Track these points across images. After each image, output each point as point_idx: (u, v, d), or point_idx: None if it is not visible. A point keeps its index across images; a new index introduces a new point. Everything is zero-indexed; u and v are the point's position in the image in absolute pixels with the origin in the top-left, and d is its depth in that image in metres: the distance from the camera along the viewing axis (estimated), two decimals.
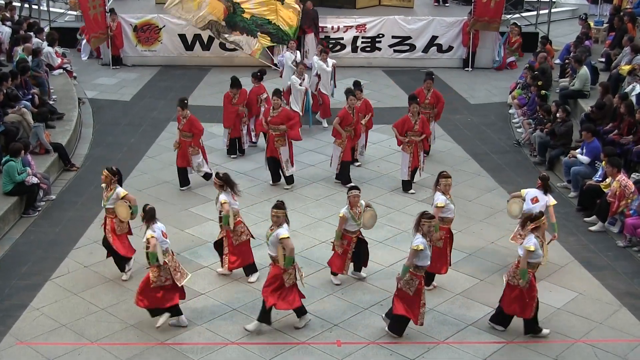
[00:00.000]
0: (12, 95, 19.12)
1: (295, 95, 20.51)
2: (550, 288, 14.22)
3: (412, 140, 17.55)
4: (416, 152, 17.60)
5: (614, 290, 14.23)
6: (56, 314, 13.19)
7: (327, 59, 21.15)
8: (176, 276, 12.77)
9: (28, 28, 24.05)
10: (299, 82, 20.30)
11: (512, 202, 14.71)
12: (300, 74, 20.45)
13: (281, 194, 17.36)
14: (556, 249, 15.46)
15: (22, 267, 14.59)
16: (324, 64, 21.02)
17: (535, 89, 21.49)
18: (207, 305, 13.52)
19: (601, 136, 18.37)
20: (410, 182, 17.87)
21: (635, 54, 21.48)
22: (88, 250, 15.17)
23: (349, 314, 13.36)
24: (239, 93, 19.19)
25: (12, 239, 15.59)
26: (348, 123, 17.87)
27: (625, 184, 15.92)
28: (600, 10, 29.62)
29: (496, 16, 25.76)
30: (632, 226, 15.56)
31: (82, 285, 14.06)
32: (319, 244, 15.52)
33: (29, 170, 16.53)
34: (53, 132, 19.34)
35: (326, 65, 21.00)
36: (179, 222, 16.10)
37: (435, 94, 19.27)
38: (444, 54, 26.51)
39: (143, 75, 24.89)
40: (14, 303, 13.47)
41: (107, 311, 13.31)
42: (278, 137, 17.59)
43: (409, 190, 17.77)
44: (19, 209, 16.40)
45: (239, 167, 18.75)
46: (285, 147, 17.72)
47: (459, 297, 13.94)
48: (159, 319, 12.80)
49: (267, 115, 17.85)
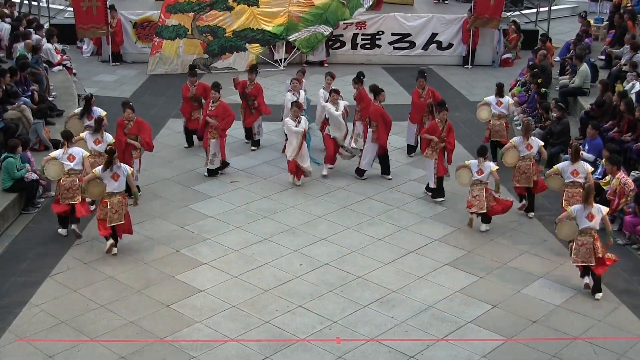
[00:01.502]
0: (12, 91, 19.11)
1: (291, 139, 17.64)
2: (549, 286, 14.25)
3: (436, 145, 17.13)
4: (440, 158, 17.18)
5: (613, 287, 14.23)
6: (56, 311, 13.20)
7: (337, 101, 18.29)
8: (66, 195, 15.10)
9: (28, 24, 24.04)
10: (294, 124, 17.46)
11: (460, 172, 16.27)
12: (295, 116, 17.54)
13: (280, 191, 17.40)
14: (555, 247, 15.51)
15: (21, 263, 14.60)
16: (333, 107, 18.15)
17: (535, 86, 21.50)
18: (206, 303, 13.53)
19: (601, 133, 18.39)
20: (440, 189, 17.32)
21: (635, 52, 21.49)
22: (87, 247, 15.19)
23: (349, 311, 13.38)
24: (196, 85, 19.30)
25: (12, 235, 15.59)
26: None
27: (625, 181, 15.92)
28: (600, 8, 29.61)
29: (496, 13, 25.75)
30: (631, 224, 15.57)
31: (82, 282, 14.07)
32: (318, 241, 15.54)
33: (28, 166, 16.52)
34: (53, 128, 19.32)
35: (336, 109, 18.16)
36: (178, 219, 16.12)
37: (430, 91, 19.21)
38: (444, 52, 26.51)
39: (143, 72, 24.88)
40: (14, 300, 13.49)
41: (107, 308, 13.32)
42: (211, 129, 17.96)
43: (439, 198, 17.29)
44: (19, 206, 16.40)
45: (238, 164, 18.73)
46: (215, 141, 17.96)
47: (458, 294, 13.95)
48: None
49: (206, 108, 18.25)
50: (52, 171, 15.32)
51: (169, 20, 24.80)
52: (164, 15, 24.81)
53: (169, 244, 15.31)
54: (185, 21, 24.87)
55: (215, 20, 24.97)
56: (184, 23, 24.87)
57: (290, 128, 17.36)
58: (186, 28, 24.89)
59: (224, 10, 24.98)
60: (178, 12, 24.86)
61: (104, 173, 14.55)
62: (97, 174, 14.58)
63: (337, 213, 16.63)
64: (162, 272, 14.41)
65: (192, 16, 24.91)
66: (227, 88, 20.16)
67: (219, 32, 25.01)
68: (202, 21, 24.96)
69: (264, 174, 18.26)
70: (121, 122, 17.24)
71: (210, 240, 15.37)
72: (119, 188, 14.66)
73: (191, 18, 24.91)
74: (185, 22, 24.88)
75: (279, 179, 18.10)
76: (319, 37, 25.34)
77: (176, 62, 24.97)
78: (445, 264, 14.83)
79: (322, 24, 25.31)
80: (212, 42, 25.04)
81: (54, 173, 15.33)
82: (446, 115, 17.33)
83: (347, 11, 25.51)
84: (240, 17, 25.08)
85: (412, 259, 15.03)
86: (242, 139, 19.99)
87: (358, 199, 17.23)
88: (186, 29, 24.89)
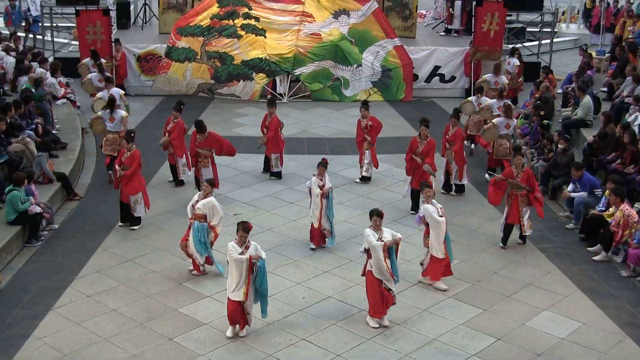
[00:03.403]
0: (16, 124, 19.23)
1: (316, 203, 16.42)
2: (553, 318, 14.21)
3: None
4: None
5: (617, 320, 14.19)
6: (58, 344, 13.17)
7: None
8: None
9: (32, 58, 24.21)
10: (317, 186, 16.32)
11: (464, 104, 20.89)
12: (320, 174, 16.36)
13: (283, 224, 17.42)
14: (559, 279, 15.48)
15: (24, 296, 14.59)
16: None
17: (538, 118, 21.57)
18: (210, 335, 13.48)
19: (604, 165, 18.47)
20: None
21: (637, 84, 21.57)
22: (90, 280, 15.18)
23: (352, 344, 13.32)
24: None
25: (15, 268, 15.58)
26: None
27: (629, 213, 15.93)
28: (602, 40, 29.78)
29: (496, 45, 25.89)
30: (635, 256, 15.55)
31: (85, 315, 14.04)
32: (321, 273, 15.53)
33: (32, 199, 16.57)
34: (56, 161, 19.41)
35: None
36: (181, 252, 16.06)
37: (429, 143, 18.44)
38: (447, 84, 26.63)
39: (146, 105, 25.01)
40: (17, 332, 13.45)
41: (110, 341, 13.28)
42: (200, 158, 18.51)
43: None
44: (22, 238, 16.42)
45: (241, 197, 18.78)
46: (208, 168, 18.44)
47: (462, 327, 13.90)
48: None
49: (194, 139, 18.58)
50: (97, 130, 20.00)
51: (179, 42, 25.17)
52: (175, 37, 25.19)
53: (171, 277, 15.30)
54: (195, 45, 25.23)
55: (224, 47, 25.21)
56: (194, 47, 25.20)
57: (315, 191, 16.26)
58: (195, 52, 25.23)
59: (232, 38, 25.34)
60: (188, 35, 25.24)
61: (104, 114, 19.31)
62: (100, 115, 19.40)
63: (340, 246, 16.61)
64: (165, 305, 14.38)
65: (201, 40, 25.25)
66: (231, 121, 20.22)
67: (228, 59, 25.33)
68: (211, 46, 25.32)
69: (267, 206, 18.28)
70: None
71: (213, 273, 15.35)
72: (114, 128, 19.21)
73: (201, 42, 25.20)
74: (194, 45, 25.23)
75: (281, 212, 18.12)
76: (324, 72, 25.51)
77: (182, 84, 25.28)
78: (449, 296, 14.79)
79: (335, 61, 25.50)
80: (219, 68, 25.33)
81: (99, 129, 19.75)
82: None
83: (356, 49, 25.66)
84: (250, 47, 25.33)
85: (416, 292, 14.99)
86: (245, 171, 20.12)
87: (360, 232, 17.19)
88: (195, 52, 25.24)
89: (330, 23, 25.94)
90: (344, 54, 25.65)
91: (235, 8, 25.75)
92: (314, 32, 25.82)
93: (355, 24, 25.95)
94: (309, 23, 25.84)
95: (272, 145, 19.66)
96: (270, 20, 25.84)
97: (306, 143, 21.54)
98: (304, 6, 26.03)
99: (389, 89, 25.81)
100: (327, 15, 26.03)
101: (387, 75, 25.84)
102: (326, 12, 26.04)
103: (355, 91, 25.68)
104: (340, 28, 25.87)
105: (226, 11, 25.74)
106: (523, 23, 30.06)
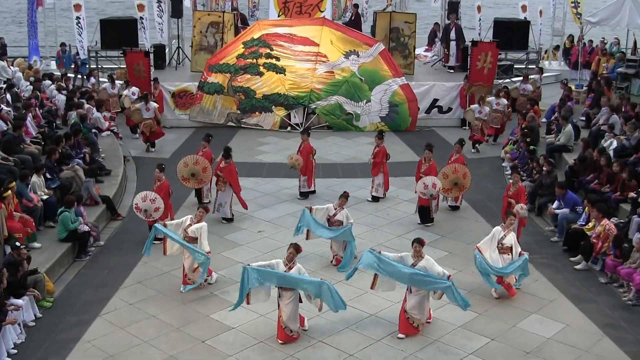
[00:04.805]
0: (67, 154, 19.41)
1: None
2: (541, 320, 14.21)
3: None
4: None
5: (597, 321, 14.18)
6: (105, 346, 13.25)
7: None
8: None
9: (80, 95, 24.42)
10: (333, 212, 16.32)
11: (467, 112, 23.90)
12: (341, 205, 16.33)
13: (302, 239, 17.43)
14: (546, 286, 15.48)
15: (75, 304, 14.69)
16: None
17: (525, 144, 21.59)
18: (237, 338, 13.54)
19: (584, 185, 18.47)
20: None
21: (611, 113, 21.60)
22: (132, 290, 15.27)
23: (363, 345, 13.34)
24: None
25: (66, 280, 15.71)
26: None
27: (609, 227, 15.96)
28: (580, 75, 29.79)
29: (489, 81, 26.04)
30: (612, 265, 15.55)
31: (128, 320, 14.13)
32: (336, 283, 15.54)
33: (81, 219, 16.71)
34: (102, 186, 19.55)
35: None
36: (212, 265, 16.04)
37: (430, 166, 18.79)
38: (444, 115, 26.69)
39: (180, 136, 25.13)
40: (68, 336, 13.57)
41: (150, 343, 13.36)
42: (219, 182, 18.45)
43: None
44: (72, 254, 16.55)
45: (263, 216, 18.85)
46: (223, 193, 18.31)
47: (460, 329, 13.91)
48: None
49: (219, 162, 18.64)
50: (135, 118, 23.22)
51: (210, 77, 25.68)
52: (206, 73, 25.82)
53: (204, 287, 15.36)
54: (223, 80, 25.61)
55: (248, 82, 25.53)
56: (222, 82, 25.61)
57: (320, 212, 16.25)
58: (223, 86, 25.64)
59: (255, 75, 25.64)
60: (218, 72, 25.74)
61: (140, 105, 22.70)
62: (137, 106, 22.86)
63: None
64: (198, 312, 14.45)
65: (229, 77, 25.63)
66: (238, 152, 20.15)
67: (251, 93, 25.69)
68: (237, 82, 25.74)
69: (287, 224, 18.30)
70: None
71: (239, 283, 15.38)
72: (148, 115, 22.84)
73: (228, 78, 25.57)
74: (223, 81, 25.63)
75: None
76: (337, 106, 25.64)
77: (213, 113, 25.67)
78: (448, 302, 14.74)
79: (346, 97, 25.62)
80: (244, 100, 25.71)
81: (137, 118, 23.13)
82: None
83: (366, 86, 25.79)
84: (270, 83, 25.63)
85: None
86: (267, 193, 20.25)
87: (370, 247, 17.20)
88: (223, 87, 25.65)
89: (342, 62, 26.08)
90: (354, 91, 25.75)
91: (259, 49, 26.01)
92: (327, 70, 25.97)
93: (365, 62, 26.06)
94: (323, 63, 25.99)
95: (302, 167, 19.77)
96: (289, 59, 26.03)
97: (321, 168, 21.61)
98: (319, 47, 26.19)
99: (395, 123, 25.87)
100: (339, 55, 26.15)
101: (394, 111, 25.86)
102: (338, 53, 26.18)
103: (365, 124, 25.76)
104: (351, 67, 26.00)
105: (250, 51, 25.99)
106: (511, 60, 30.06)
